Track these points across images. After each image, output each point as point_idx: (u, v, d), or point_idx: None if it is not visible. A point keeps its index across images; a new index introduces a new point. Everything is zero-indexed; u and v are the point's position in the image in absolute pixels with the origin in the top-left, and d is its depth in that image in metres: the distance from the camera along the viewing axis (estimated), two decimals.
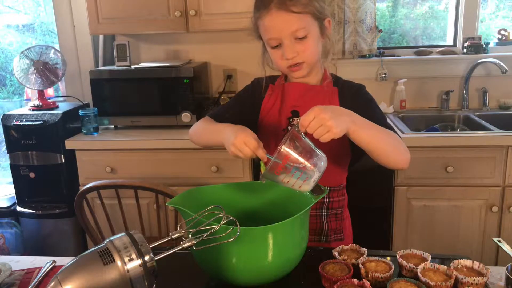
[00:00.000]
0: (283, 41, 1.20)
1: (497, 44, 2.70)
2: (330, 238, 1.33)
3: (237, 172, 2.27)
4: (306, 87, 1.30)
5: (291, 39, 1.19)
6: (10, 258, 1.26)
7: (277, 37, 1.20)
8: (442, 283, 0.96)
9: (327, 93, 1.29)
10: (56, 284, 0.77)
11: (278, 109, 1.32)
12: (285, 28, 1.18)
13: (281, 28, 1.19)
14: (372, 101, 1.30)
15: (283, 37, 1.19)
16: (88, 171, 2.37)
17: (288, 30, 1.18)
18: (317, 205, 1.29)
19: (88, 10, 2.45)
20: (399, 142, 1.17)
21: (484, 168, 2.15)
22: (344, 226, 1.38)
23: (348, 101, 1.26)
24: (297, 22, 1.18)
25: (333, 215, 1.34)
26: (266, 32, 1.22)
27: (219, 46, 2.77)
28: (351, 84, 1.34)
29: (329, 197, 1.31)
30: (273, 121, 1.32)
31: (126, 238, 0.81)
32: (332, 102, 1.28)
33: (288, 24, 1.18)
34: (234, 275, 0.99)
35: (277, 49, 1.23)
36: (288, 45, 1.20)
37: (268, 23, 1.20)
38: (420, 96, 2.73)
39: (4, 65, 3.23)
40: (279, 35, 1.20)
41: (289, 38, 1.19)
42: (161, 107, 2.46)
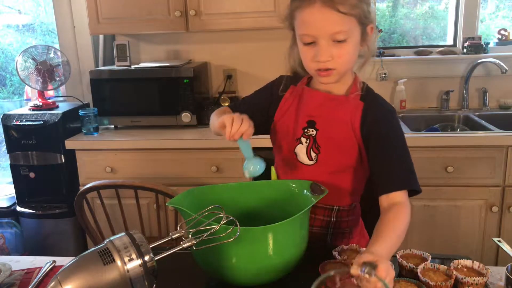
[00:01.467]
0: (319, 41, 1.08)
1: (497, 44, 2.70)
2: None
3: (237, 172, 2.27)
4: (326, 96, 1.19)
5: (329, 41, 1.07)
6: (10, 258, 1.26)
7: (314, 35, 1.08)
8: (442, 283, 0.96)
9: (349, 106, 1.17)
10: (56, 284, 0.77)
11: (294, 115, 1.23)
12: (325, 27, 1.06)
13: (321, 26, 1.06)
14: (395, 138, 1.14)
15: (321, 36, 1.07)
16: (88, 171, 2.37)
17: (328, 31, 1.06)
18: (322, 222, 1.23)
19: (88, 10, 2.45)
20: (407, 224, 1.04)
21: (484, 168, 2.15)
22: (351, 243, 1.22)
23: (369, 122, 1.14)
24: (340, 24, 1.06)
25: (339, 235, 1.25)
26: (302, 26, 1.09)
27: (219, 46, 2.77)
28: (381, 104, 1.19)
29: (336, 217, 1.23)
30: (287, 126, 1.24)
31: (126, 238, 0.81)
32: (354, 117, 1.16)
33: (330, 24, 1.06)
34: (234, 275, 0.99)
35: (309, 47, 1.10)
36: (324, 46, 1.08)
37: (308, 17, 1.07)
38: (420, 96, 2.73)
39: (4, 65, 3.23)
40: (316, 33, 1.07)
41: (326, 39, 1.07)
42: (161, 107, 2.46)
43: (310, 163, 1.21)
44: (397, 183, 1.09)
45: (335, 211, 1.23)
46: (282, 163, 1.27)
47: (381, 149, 1.12)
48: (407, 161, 1.12)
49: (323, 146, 1.19)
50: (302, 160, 1.22)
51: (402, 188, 1.08)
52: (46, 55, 2.52)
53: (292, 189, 1.17)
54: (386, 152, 1.12)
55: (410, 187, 1.09)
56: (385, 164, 1.11)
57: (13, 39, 3.19)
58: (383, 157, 1.12)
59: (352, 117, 1.16)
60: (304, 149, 1.21)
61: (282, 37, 2.96)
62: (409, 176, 1.10)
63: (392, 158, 1.11)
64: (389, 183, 1.09)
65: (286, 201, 1.16)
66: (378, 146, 1.12)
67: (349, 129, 1.16)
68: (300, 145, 1.21)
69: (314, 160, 1.20)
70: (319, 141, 1.19)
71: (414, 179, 1.10)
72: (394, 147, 1.12)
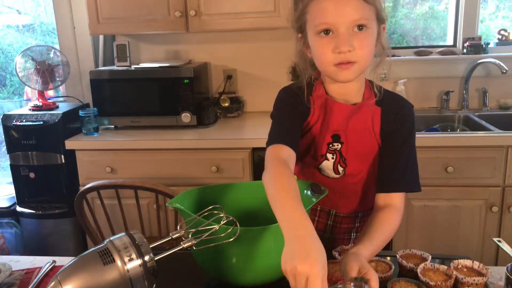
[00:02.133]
0: (339, 29, 0.99)
1: (497, 44, 2.70)
2: None
3: (237, 172, 2.27)
4: (350, 109, 1.12)
5: (349, 29, 1.00)
6: (10, 258, 1.26)
7: (334, 22, 0.99)
8: (442, 283, 0.96)
9: (368, 113, 1.13)
10: (56, 284, 0.77)
11: (319, 130, 1.15)
12: (347, 13, 0.99)
13: (342, 12, 0.98)
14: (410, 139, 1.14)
15: (341, 24, 0.99)
16: (88, 171, 2.37)
17: (350, 16, 0.99)
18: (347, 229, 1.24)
19: (88, 10, 2.45)
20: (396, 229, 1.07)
21: (484, 168, 2.15)
22: None
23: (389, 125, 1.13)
24: (361, 10, 0.99)
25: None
26: (320, 14, 1.01)
27: (219, 46, 2.77)
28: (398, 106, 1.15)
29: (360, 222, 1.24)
30: (311, 141, 1.17)
31: (126, 238, 0.81)
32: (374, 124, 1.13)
33: (351, 9, 0.99)
34: (234, 275, 0.99)
35: (327, 39, 1.01)
36: (345, 35, 0.99)
37: (327, 3, 0.99)
38: (420, 96, 2.73)
39: (4, 65, 3.23)
40: (337, 20, 0.99)
41: (347, 27, 0.99)
42: (161, 107, 2.46)
43: (336, 177, 1.18)
44: (400, 185, 1.10)
45: (359, 217, 1.24)
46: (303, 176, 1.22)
47: (393, 148, 1.12)
48: (414, 163, 1.12)
49: (349, 159, 1.16)
50: (328, 174, 1.19)
51: (404, 191, 1.10)
52: (46, 55, 2.52)
53: None
54: (396, 151, 1.11)
55: (411, 191, 1.11)
56: (393, 164, 1.11)
57: (13, 39, 3.19)
58: (392, 156, 1.11)
59: (372, 124, 1.13)
60: (331, 165, 1.17)
61: (282, 37, 2.97)
62: (413, 179, 1.11)
63: (401, 159, 1.11)
64: (392, 183, 1.10)
65: None
66: (390, 144, 1.12)
67: (372, 136, 1.14)
68: (326, 161, 1.17)
69: (341, 174, 1.18)
70: (345, 154, 1.16)
71: (417, 182, 1.12)
72: (405, 148, 1.12)
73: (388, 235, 1.04)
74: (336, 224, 1.23)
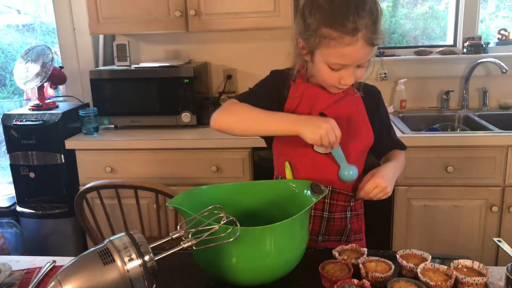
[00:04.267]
0: (348, 68, 1.16)
1: (497, 44, 2.70)
2: (350, 239, 1.34)
3: (237, 172, 2.27)
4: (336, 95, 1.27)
5: (355, 67, 1.17)
6: (10, 258, 1.26)
7: (348, 64, 1.15)
8: (442, 283, 0.96)
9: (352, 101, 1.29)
10: (56, 284, 0.77)
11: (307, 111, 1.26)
12: (360, 59, 1.15)
13: (357, 59, 1.15)
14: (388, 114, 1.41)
15: (352, 65, 1.16)
16: (88, 171, 2.37)
17: (360, 60, 1.16)
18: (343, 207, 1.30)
19: (88, 10, 2.45)
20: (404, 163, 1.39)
21: (484, 168, 2.15)
22: (363, 227, 1.40)
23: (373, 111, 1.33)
24: (370, 53, 1.17)
25: (355, 216, 1.35)
26: (337, 57, 1.14)
27: (219, 46, 2.77)
28: (370, 89, 1.35)
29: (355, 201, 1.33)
30: None
31: (126, 238, 0.81)
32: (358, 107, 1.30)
33: (364, 56, 1.15)
34: (234, 275, 0.99)
35: (334, 72, 1.17)
36: (352, 72, 1.17)
37: (348, 51, 1.12)
38: (420, 96, 2.73)
39: (4, 65, 3.23)
40: (350, 63, 1.15)
41: (353, 66, 1.17)
42: (161, 107, 2.46)
43: (328, 152, 1.24)
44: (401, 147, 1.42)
45: (352, 196, 1.31)
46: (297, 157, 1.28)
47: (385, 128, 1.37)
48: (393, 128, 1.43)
49: None
50: (320, 150, 1.26)
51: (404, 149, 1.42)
52: (44, 56, 2.51)
53: (292, 189, 1.17)
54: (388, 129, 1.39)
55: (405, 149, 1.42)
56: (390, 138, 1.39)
57: (13, 39, 3.19)
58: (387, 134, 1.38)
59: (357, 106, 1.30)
60: None
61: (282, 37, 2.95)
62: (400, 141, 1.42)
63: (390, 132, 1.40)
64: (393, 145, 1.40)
65: (286, 201, 1.17)
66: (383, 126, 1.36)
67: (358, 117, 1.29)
68: None
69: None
70: None
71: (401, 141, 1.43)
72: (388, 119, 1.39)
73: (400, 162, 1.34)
74: (332, 202, 1.28)
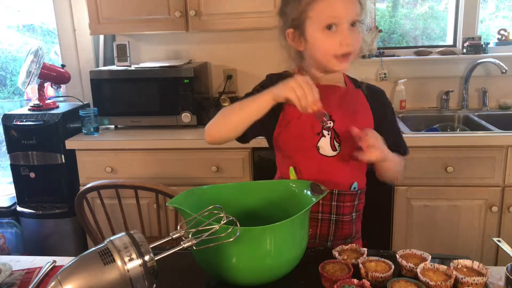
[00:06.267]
0: (343, 25, 1.13)
1: (497, 44, 2.70)
2: (353, 240, 1.34)
3: (237, 172, 2.27)
4: (336, 89, 1.26)
5: (348, 25, 1.14)
6: (10, 258, 1.26)
7: (341, 17, 1.13)
8: (442, 283, 0.96)
9: (354, 95, 1.28)
10: (57, 284, 0.77)
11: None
12: (351, 10, 1.13)
13: (348, 8, 1.13)
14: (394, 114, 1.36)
15: (346, 18, 1.13)
16: (88, 171, 2.37)
17: (352, 12, 1.13)
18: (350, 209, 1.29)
19: (89, 10, 2.46)
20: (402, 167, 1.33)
21: (484, 168, 2.15)
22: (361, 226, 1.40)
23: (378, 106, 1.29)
24: (358, 8, 1.15)
25: (357, 217, 1.34)
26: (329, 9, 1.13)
27: (219, 46, 2.77)
28: (375, 88, 1.33)
29: (359, 199, 1.31)
30: (304, 123, 1.24)
31: (126, 238, 0.81)
32: (363, 104, 1.28)
33: (354, 6, 1.14)
34: (234, 275, 0.99)
35: (331, 34, 1.14)
36: (348, 31, 1.13)
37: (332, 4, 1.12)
38: (420, 96, 2.74)
39: (4, 65, 3.23)
40: (343, 15, 1.12)
41: (348, 23, 1.13)
42: (161, 107, 2.46)
43: (333, 154, 1.24)
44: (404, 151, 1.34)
45: (358, 194, 1.30)
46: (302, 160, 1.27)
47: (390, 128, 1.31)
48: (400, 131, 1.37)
49: (342, 135, 1.25)
50: (325, 153, 1.25)
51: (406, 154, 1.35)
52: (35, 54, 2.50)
53: (292, 189, 1.17)
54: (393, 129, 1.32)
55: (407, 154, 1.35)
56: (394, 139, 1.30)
57: (13, 39, 3.19)
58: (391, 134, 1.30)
59: (361, 104, 1.28)
60: (328, 141, 1.25)
61: None
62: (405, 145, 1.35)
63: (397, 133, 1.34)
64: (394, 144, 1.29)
65: (286, 201, 1.16)
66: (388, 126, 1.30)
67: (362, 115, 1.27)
68: (323, 138, 1.24)
69: (337, 150, 1.25)
70: (338, 131, 1.24)
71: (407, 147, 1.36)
72: (394, 122, 1.34)
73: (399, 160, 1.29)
74: (339, 204, 1.27)
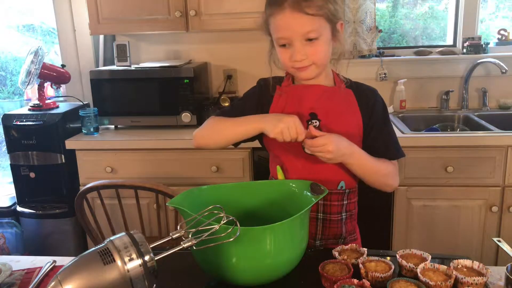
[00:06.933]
0: (294, 42, 1.17)
1: (497, 44, 2.70)
2: (346, 240, 1.33)
3: (237, 172, 2.27)
4: (323, 88, 1.27)
5: (302, 41, 1.16)
6: (10, 258, 1.26)
7: (288, 37, 1.17)
8: (442, 283, 0.96)
9: (341, 95, 1.28)
10: (57, 284, 0.77)
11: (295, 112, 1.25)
12: (297, 29, 1.15)
13: (293, 28, 1.16)
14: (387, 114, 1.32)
15: (294, 38, 1.16)
16: (88, 171, 2.37)
17: (300, 31, 1.15)
18: (338, 208, 1.29)
19: (89, 10, 2.46)
20: (390, 172, 1.28)
21: (484, 168, 2.15)
22: (356, 226, 1.38)
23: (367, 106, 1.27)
24: (310, 24, 1.15)
25: (349, 217, 1.33)
26: (276, 30, 1.19)
27: (219, 46, 2.77)
28: (366, 87, 1.32)
29: (347, 199, 1.30)
30: None
31: (126, 238, 0.81)
32: (351, 105, 1.27)
33: (301, 26, 1.15)
34: (234, 275, 0.99)
35: (285, 48, 1.19)
36: (298, 47, 1.17)
37: (280, 22, 1.17)
38: (420, 96, 2.74)
39: (4, 65, 3.23)
40: (290, 35, 1.17)
41: (300, 40, 1.16)
42: (161, 107, 2.46)
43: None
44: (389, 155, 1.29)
45: (346, 194, 1.29)
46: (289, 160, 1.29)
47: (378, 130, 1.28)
48: (393, 133, 1.31)
49: None
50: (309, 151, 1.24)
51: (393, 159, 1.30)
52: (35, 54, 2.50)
53: (292, 189, 1.17)
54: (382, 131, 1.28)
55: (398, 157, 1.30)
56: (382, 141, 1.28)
57: (13, 39, 3.19)
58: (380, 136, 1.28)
59: (349, 104, 1.27)
60: None
61: None
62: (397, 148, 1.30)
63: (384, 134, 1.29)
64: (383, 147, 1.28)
65: (286, 201, 1.17)
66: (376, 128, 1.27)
67: (349, 115, 1.27)
68: None
69: None
70: (324, 130, 1.23)
71: (400, 149, 1.31)
72: (385, 124, 1.29)
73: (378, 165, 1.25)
74: (326, 203, 1.27)
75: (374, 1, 2.60)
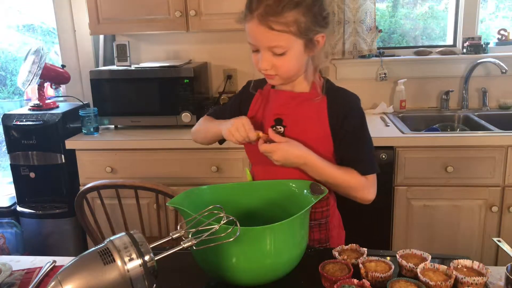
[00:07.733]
0: (261, 51, 1.16)
1: (497, 44, 2.70)
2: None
3: (237, 172, 2.27)
4: (290, 95, 1.26)
5: (269, 52, 1.15)
6: (10, 258, 1.26)
7: (255, 45, 1.17)
8: (442, 283, 0.96)
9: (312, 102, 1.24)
10: (57, 284, 0.77)
11: (261, 115, 1.30)
12: (263, 42, 1.14)
13: (259, 39, 1.15)
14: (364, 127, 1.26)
15: (261, 47, 1.16)
16: (88, 171, 2.37)
17: (266, 44, 1.14)
18: None
19: (89, 10, 2.46)
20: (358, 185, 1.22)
21: (484, 168, 2.15)
22: (331, 235, 1.33)
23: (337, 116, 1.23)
24: (275, 40, 1.12)
25: (316, 226, 1.28)
26: (247, 34, 1.18)
27: (219, 46, 2.77)
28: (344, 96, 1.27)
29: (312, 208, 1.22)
30: (261, 126, 1.28)
31: (126, 238, 0.81)
32: (320, 112, 1.23)
33: (266, 40, 1.13)
34: (234, 275, 0.99)
35: (255, 53, 1.19)
36: (264, 56, 1.16)
37: (249, 30, 1.16)
38: (420, 96, 2.74)
39: (4, 65, 3.23)
40: (257, 44, 1.16)
41: (266, 50, 1.15)
42: (161, 107, 2.46)
43: None
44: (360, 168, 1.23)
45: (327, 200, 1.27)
46: (256, 162, 1.33)
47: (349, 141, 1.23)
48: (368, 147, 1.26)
49: None
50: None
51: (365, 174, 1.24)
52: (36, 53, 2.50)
53: (292, 189, 1.17)
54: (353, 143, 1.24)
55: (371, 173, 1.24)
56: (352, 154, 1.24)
57: (13, 39, 3.19)
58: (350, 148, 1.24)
59: (318, 112, 1.23)
60: None
61: None
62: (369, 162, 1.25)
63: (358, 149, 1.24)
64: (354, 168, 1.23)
65: (286, 201, 1.17)
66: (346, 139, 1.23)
67: (317, 123, 1.23)
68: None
69: None
70: (288, 137, 1.22)
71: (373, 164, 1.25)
72: (358, 136, 1.24)
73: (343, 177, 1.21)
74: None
75: (374, 1, 2.60)
